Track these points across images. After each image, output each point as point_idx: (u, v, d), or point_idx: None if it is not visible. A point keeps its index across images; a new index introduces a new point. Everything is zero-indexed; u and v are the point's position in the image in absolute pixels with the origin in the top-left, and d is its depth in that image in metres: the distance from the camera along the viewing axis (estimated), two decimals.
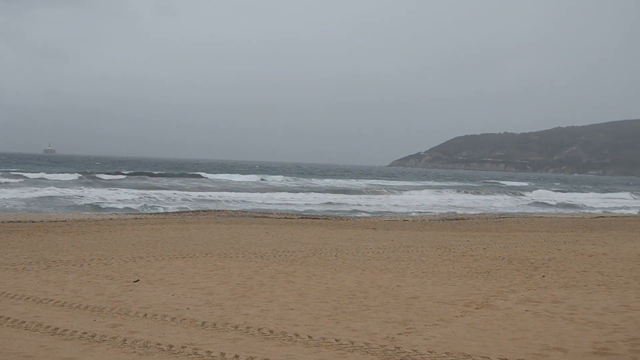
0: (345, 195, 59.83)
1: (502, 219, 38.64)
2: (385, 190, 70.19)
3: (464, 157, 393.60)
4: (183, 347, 8.74)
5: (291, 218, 35.09)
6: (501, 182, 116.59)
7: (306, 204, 49.70)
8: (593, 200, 69.40)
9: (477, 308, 11.38)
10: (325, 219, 35.88)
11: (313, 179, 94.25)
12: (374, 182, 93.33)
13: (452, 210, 47.52)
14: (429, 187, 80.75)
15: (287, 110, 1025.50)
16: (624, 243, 23.33)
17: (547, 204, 60.61)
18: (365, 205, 51.04)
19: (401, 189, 73.88)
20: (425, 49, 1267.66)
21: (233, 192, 56.30)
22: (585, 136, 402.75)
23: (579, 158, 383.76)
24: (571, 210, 53.70)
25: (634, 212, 54.10)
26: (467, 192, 72.51)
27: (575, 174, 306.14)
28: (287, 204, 48.92)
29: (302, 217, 35.94)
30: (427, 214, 43.88)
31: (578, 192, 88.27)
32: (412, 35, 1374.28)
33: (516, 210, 51.05)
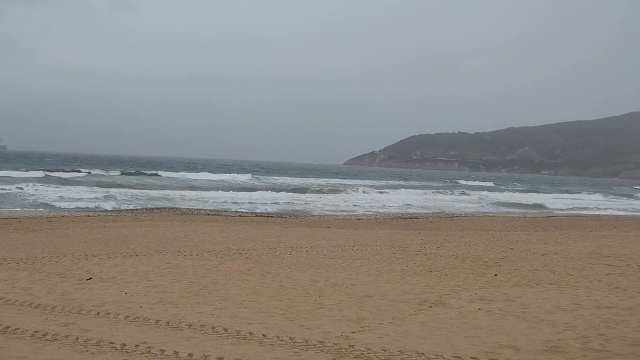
0: (301, 194, 59.74)
1: (455, 218, 38.95)
2: (341, 189, 70.22)
3: (418, 157, 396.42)
4: (136, 345, 8.66)
5: (246, 216, 34.97)
6: (463, 181, 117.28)
7: (262, 202, 49.54)
8: (566, 201, 69.90)
9: (430, 306, 11.46)
10: (279, 217, 35.84)
11: (268, 177, 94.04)
12: (331, 180, 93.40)
13: (412, 210, 47.74)
14: (389, 187, 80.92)
15: (245, 107, 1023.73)
16: (574, 242, 23.70)
17: (519, 203, 60.39)
18: (321, 203, 51.04)
19: (357, 187, 73.98)
20: (385, 51, 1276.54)
21: (187, 191, 55.82)
22: (537, 137, 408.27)
23: (531, 158, 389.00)
24: (540, 211, 54.16)
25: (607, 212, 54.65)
26: (436, 192, 72.65)
27: (528, 174, 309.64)
28: (243, 202, 48.67)
29: (257, 215, 35.86)
30: (382, 212, 44.02)
31: (544, 192, 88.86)
32: (373, 37, 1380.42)
33: (488, 210, 51.49)
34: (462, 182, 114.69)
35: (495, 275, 15.35)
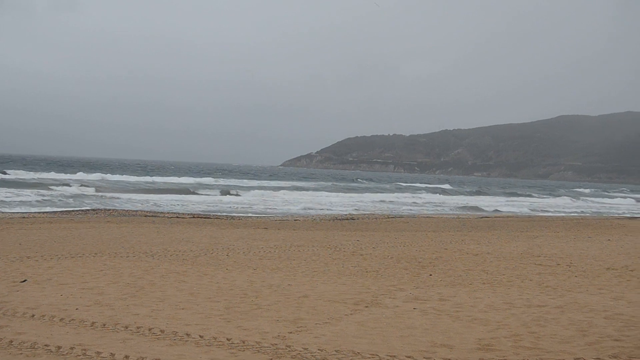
0: (242, 195, 59.52)
1: (391, 219, 39.30)
2: (277, 190, 70.16)
3: (354, 158, 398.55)
4: (72, 348, 8.61)
5: (183, 217, 34.74)
6: (403, 183, 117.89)
7: (202, 202, 49.27)
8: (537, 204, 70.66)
9: (366, 306, 11.61)
10: (216, 218, 35.71)
11: (207, 178, 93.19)
12: (270, 183, 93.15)
13: (356, 211, 47.97)
14: (324, 189, 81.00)
15: (187, 110, 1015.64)
16: (507, 242, 24.17)
17: (481, 209, 59.96)
18: (259, 204, 50.98)
19: (293, 189, 74.01)
20: (327, 59, 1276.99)
21: (124, 193, 55.15)
22: (470, 139, 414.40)
23: (464, 160, 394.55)
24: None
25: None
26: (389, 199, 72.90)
27: (461, 176, 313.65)
28: (181, 203, 48.28)
29: (194, 217, 35.62)
30: (319, 213, 44.17)
31: (505, 196, 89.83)
32: (315, 46, 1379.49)
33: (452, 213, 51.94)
34: (402, 184, 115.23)
35: (430, 275, 15.60)
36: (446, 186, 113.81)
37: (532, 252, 20.81)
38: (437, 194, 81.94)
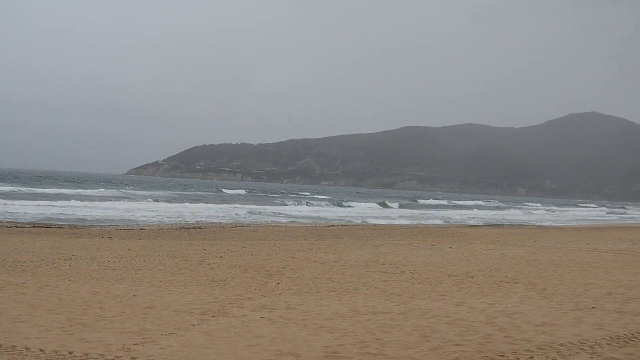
0: (87, 203, 57.60)
1: (239, 228, 39.30)
2: (125, 199, 68.53)
3: (202, 167, 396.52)
4: None
5: (22, 227, 33.34)
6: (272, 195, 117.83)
7: (40, 213, 47.36)
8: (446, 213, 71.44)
9: (213, 316, 11.53)
10: (59, 227, 34.50)
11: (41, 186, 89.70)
12: (116, 191, 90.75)
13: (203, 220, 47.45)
14: (162, 198, 79.72)
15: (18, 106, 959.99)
16: (353, 251, 24.65)
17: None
18: (105, 213, 49.57)
19: (142, 198, 72.53)
20: (175, 65, 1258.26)
21: None
22: (318, 149, 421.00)
23: (312, 169, 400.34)
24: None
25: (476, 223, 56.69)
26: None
27: (309, 185, 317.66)
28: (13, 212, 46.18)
29: (34, 226, 34.23)
30: (167, 222, 43.48)
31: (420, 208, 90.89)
32: (165, 51, 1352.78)
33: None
34: (261, 194, 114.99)
35: (278, 283, 15.68)
36: (306, 194, 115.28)
37: (378, 260, 21.30)
38: (288, 205, 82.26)
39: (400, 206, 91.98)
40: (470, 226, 52.76)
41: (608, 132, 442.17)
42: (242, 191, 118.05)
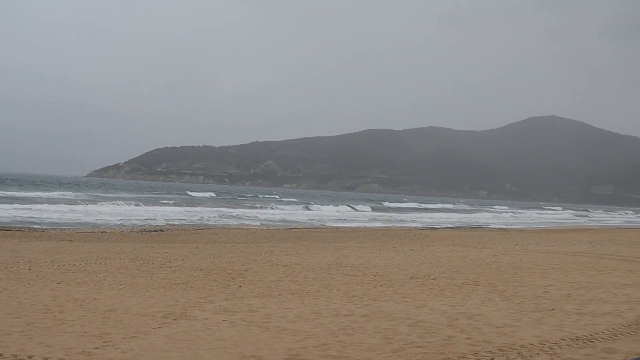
0: (49, 205, 56.83)
1: (201, 231, 39.12)
2: (88, 201, 67.74)
3: (163, 169, 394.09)
4: None
5: None
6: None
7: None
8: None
9: (175, 319, 11.47)
10: (18, 230, 34.07)
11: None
12: (79, 194, 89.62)
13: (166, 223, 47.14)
14: (133, 200, 79.03)
15: None
16: (315, 253, 24.67)
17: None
18: (67, 216, 48.99)
19: (106, 200, 71.74)
20: (135, 64, 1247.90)
21: None
22: (280, 151, 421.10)
23: (274, 172, 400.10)
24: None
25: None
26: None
27: (271, 187, 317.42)
28: None
29: None
30: (129, 225, 43.13)
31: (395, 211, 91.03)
32: (126, 49, 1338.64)
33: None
34: (228, 196, 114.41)
35: (240, 286, 15.64)
36: (275, 196, 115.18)
37: (340, 263, 21.35)
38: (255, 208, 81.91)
39: (373, 209, 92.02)
40: (432, 228, 53.11)
41: (568, 136, 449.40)
42: (211, 194, 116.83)
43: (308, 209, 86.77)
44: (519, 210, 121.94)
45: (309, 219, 62.18)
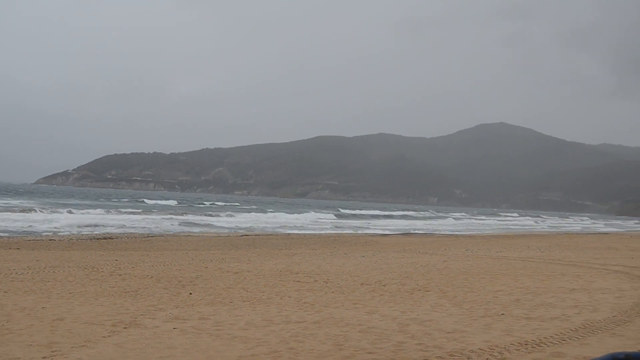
0: None
1: (150, 238, 38.79)
2: (36, 209, 66.57)
3: (113, 176, 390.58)
4: None
5: None
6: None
7: None
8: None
9: (125, 327, 11.36)
10: None
11: None
12: (27, 201, 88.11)
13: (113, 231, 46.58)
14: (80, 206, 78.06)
15: None
16: (267, 260, 24.63)
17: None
18: (14, 224, 48.04)
19: (56, 207, 70.64)
20: (83, 68, 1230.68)
21: None
22: (231, 158, 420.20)
23: (225, 179, 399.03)
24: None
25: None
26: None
27: (222, 194, 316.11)
28: None
29: None
30: (78, 233, 42.56)
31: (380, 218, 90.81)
32: (79, 50, 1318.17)
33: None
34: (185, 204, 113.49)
35: (190, 294, 15.55)
36: (236, 204, 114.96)
37: (291, 269, 21.35)
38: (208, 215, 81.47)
39: (337, 216, 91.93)
40: (383, 235, 53.38)
41: (516, 143, 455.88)
42: (172, 202, 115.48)
43: (266, 213, 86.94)
44: (481, 217, 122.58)
45: (266, 226, 62.01)
